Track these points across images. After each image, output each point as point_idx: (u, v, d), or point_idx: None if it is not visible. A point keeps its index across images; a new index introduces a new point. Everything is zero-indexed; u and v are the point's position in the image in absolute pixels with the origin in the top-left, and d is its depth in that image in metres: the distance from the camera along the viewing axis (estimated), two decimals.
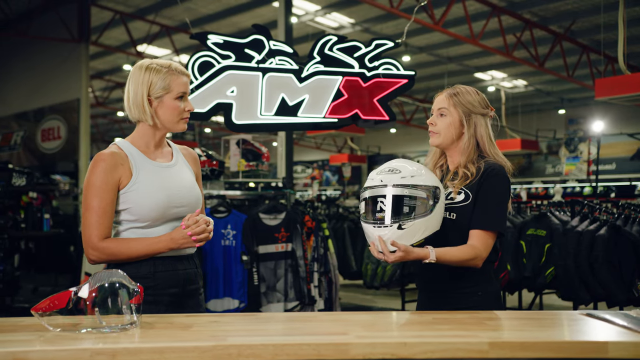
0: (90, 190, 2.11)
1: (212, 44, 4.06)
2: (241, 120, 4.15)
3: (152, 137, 2.24)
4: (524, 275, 5.71)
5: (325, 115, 4.28)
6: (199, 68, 4.04)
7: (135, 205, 2.14)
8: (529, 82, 17.94)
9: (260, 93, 4.16)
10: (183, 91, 2.21)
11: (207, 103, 4.06)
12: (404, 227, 2.05)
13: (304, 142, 24.04)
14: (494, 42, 13.04)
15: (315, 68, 4.26)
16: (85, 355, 1.43)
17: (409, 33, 13.48)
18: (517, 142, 15.27)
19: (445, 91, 2.38)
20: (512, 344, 1.53)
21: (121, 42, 14.44)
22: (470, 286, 2.22)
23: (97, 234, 2.09)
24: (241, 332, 1.70)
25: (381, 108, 4.27)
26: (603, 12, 10.98)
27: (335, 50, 4.29)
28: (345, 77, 4.28)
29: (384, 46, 4.28)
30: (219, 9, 12.68)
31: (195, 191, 2.28)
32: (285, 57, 4.23)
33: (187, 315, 1.93)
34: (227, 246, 4.89)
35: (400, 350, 1.51)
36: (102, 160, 2.12)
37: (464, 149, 2.30)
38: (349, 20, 12.92)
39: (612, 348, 1.50)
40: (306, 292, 5.07)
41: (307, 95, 4.23)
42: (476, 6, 11.72)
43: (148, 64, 2.20)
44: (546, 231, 5.63)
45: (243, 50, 4.11)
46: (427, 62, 15.86)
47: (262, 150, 5.54)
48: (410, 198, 2.06)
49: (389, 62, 4.31)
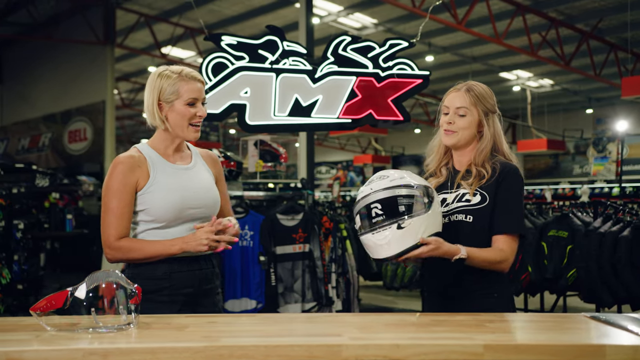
0: (109, 192, 2.18)
1: (225, 45, 4.07)
2: (255, 121, 4.15)
3: (171, 141, 2.30)
4: (545, 277, 5.63)
5: (339, 115, 4.27)
6: (212, 69, 4.06)
7: (152, 206, 2.20)
8: (556, 82, 17.71)
9: (274, 94, 4.16)
10: (194, 97, 2.24)
11: (221, 104, 4.07)
12: (404, 226, 1.99)
13: (328, 143, 24.04)
14: (519, 42, 12.89)
15: (329, 68, 4.25)
16: (77, 355, 1.44)
17: (431, 33, 13.60)
18: (543, 142, 15.08)
19: (462, 88, 2.28)
20: (507, 347, 1.50)
21: (146, 45, 14.60)
22: (486, 288, 2.17)
23: (114, 234, 2.16)
24: (236, 333, 1.70)
25: (395, 108, 4.24)
26: (630, 10, 10.79)
27: (349, 50, 4.27)
28: (359, 78, 4.26)
29: (398, 46, 4.25)
30: (242, 11, 12.76)
31: (213, 193, 2.32)
32: (299, 57, 4.22)
33: (186, 315, 1.94)
34: (245, 247, 4.90)
35: (393, 352, 1.50)
36: (121, 163, 2.20)
37: (482, 148, 2.24)
38: (372, 20, 12.89)
39: (609, 351, 1.47)
40: (324, 293, 5.06)
41: (320, 95, 4.22)
42: (500, 5, 11.59)
43: (161, 71, 2.27)
44: (568, 232, 5.54)
45: (257, 51, 4.11)
46: (451, 62, 15.75)
47: (279, 151, 5.55)
48: (404, 197, 2.00)
49: (404, 62, 4.28)
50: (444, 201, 2.24)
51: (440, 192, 2.28)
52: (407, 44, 4.29)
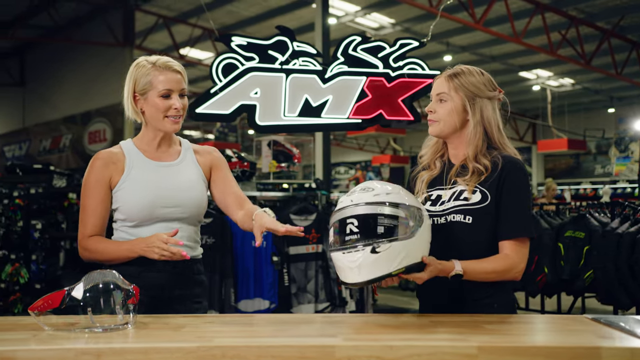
0: (84, 189, 2.14)
1: (235, 45, 4.09)
2: (265, 121, 4.16)
3: (152, 136, 2.19)
4: (561, 278, 5.56)
5: (349, 115, 4.26)
6: (223, 70, 4.07)
7: (124, 203, 2.11)
8: (576, 81, 17.49)
9: (284, 94, 4.17)
10: (168, 88, 2.10)
11: (231, 104, 4.09)
12: (379, 251, 1.71)
13: (346, 143, 23.99)
14: (538, 40, 12.76)
15: (339, 69, 4.25)
16: (70, 355, 1.44)
17: (449, 32, 13.53)
18: (564, 142, 14.89)
19: (444, 73, 2.10)
20: (501, 349, 1.48)
21: (165, 46, 14.70)
22: (485, 297, 1.96)
23: (84, 232, 2.12)
24: (231, 333, 1.70)
25: (405, 108, 4.23)
26: None
27: (360, 50, 4.27)
28: (369, 78, 4.24)
29: (408, 46, 4.24)
30: (260, 12, 12.80)
31: (194, 192, 2.18)
32: (309, 58, 4.22)
33: (184, 315, 1.94)
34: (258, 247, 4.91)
35: (386, 353, 1.48)
36: (96, 159, 2.15)
37: (470, 138, 2.02)
38: (389, 20, 12.85)
39: (605, 353, 1.44)
40: (337, 294, 5.06)
41: (330, 96, 4.22)
42: (519, 4, 11.50)
43: (138, 61, 2.16)
44: (585, 233, 5.46)
45: (267, 52, 4.12)
46: (470, 61, 15.61)
47: (293, 151, 5.56)
48: (386, 216, 1.73)
49: (414, 62, 4.26)
50: (439, 198, 2.05)
51: (434, 188, 2.09)
52: (418, 43, 4.27)
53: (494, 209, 1.95)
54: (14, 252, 6.26)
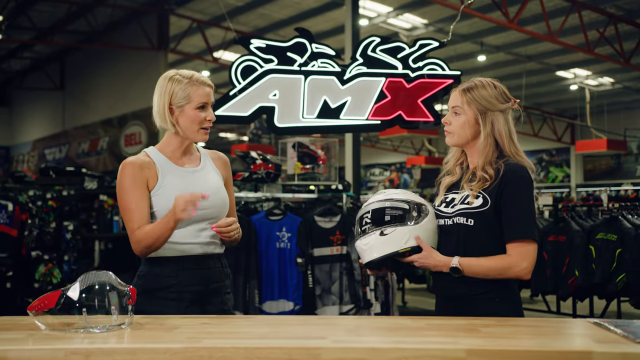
0: (122, 191, 2.24)
1: (254, 48, 4.10)
2: (283, 123, 4.17)
3: (179, 144, 2.33)
4: (592, 281, 5.43)
5: (368, 117, 4.23)
6: (242, 72, 4.09)
7: (160, 208, 2.24)
8: (616, 80, 17.07)
9: (303, 96, 4.16)
10: (204, 101, 2.27)
11: (250, 107, 4.11)
12: (386, 233, 2.10)
13: (381, 145, 23.91)
14: (575, 39, 12.52)
15: (357, 70, 4.22)
16: (60, 354, 1.47)
17: (483, 32, 13.34)
18: (603, 142, 14.55)
19: (460, 86, 2.26)
20: (490, 352, 1.46)
21: (199, 49, 14.89)
22: (485, 292, 2.10)
23: (132, 227, 2.21)
24: (222, 335, 1.71)
25: (425, 109, 4.18)
26: None
27: (379, 51, 4.23)
28: (388, 79, 4.21)
29: (428, 46, 4.19)
30: (292, 14, 12.86)
31: (221, 193, 2.34)
32: (328, 59, 4.21)
33: (182, 316, 1.96)
34: (282, 248, 4.91)
35: (372, 355, 1.48)
36: (129, 164, 2.26)
37: (481, 149, 2.18)
38: (422, 20, 12.76)
39: (597, 358, 1.42)
40: (361, 296, 5.03)
41: (349, 97, 4.20)
42: (555, 2, 11.31)
43: (172, 75, 2.29)
44: (617, 235, 5.33)
45: (285, 54, 4.13)
46: (505, 61, 15.42)
47: (318, 153, 5.55)
48: (392, 209, 2.13)
49: (434, 62, 4.21)
50: (452, 201, 2.22)
51: (451, 192, 2.26)
52: (438, 44, 4.22)
53: (493, 212, 2.10)
54: (47, 252, 6.42)
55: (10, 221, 6.71)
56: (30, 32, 14.70)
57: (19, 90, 20.56)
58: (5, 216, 6.70)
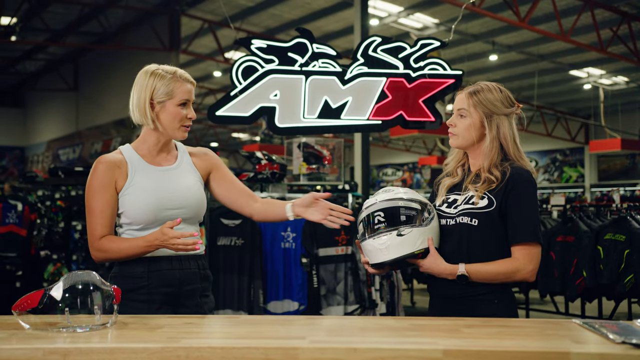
0: (89, 192, 2.21)
1: (255, 48, 4.11)
2: (284, 123, 4.16)
3: (155, 141, 2.28)
4: (600, 282, 5.37)
5: (369, 117, 4.22)
6: (242, 73, 4.10)
7: (129, 208, 2.19)
8: (631, 79, 16.89)
9: (303, 96, 4.16)
10: (186, 98, 2.24)
11: (250, 107, 4.11)
12: (403, 234, 2.08)
13: (393, 145, 23.86)
14: (588, 38, 12.41)
15: (358, 70, 4.21)
16: (38, 354, 1.48)
17: (494, 31, 13.29)
18: (617, 142, 14.41)
19: (466, 89, 2.27)
20: (467, 352, 1.46)
21: (210, 50, 14.94)
22: (485, 293, 2.11)
23: (96, 233, 2.18)
24: (203, 334, 1.71)
25: (427, 109, 4.16)
26: None
27: (380, 51, 4.22)
28: (389, 79, 4.19)
29: (429, 46, 4.17)
30: (303, 14, 12.87)
31: (194, 193, 2.28)
32: (328, 59, 4.21)
33: (167, 316, 1.96)
34: (287, 248, 4.92)
35: (350, 356, 1.48)
36: (100, 163, 2.22)
37: (487, 152, 2.20)
38: (433, 20, 12.72)
39: (574, 358, 1.41)
40: (366, 296, 5.02)
41: (350, 97, 4.19)
42: (566, 1, 11.21)
43: (154, 69, 2.25)
44: (625, 236, 5.27)
45: (286, 54, 4.12)
46: (517, 60, 15.30)
47: (323, 153, 5.55)
48: (405, 208, 2.11)
49: (435, 62, 4.19)
50: (454, 202, 2.24)
51: (452, 192, 2.27)
52: (439, 43, 4.20)
53: (498, 213, 2.12)
54: (56, 252, 6.47)
55: (19, 221, 6.79)
56: (44, 33, 14.87)
57: (33, 92, 20.82)
58: (14, 216, 6.77)
